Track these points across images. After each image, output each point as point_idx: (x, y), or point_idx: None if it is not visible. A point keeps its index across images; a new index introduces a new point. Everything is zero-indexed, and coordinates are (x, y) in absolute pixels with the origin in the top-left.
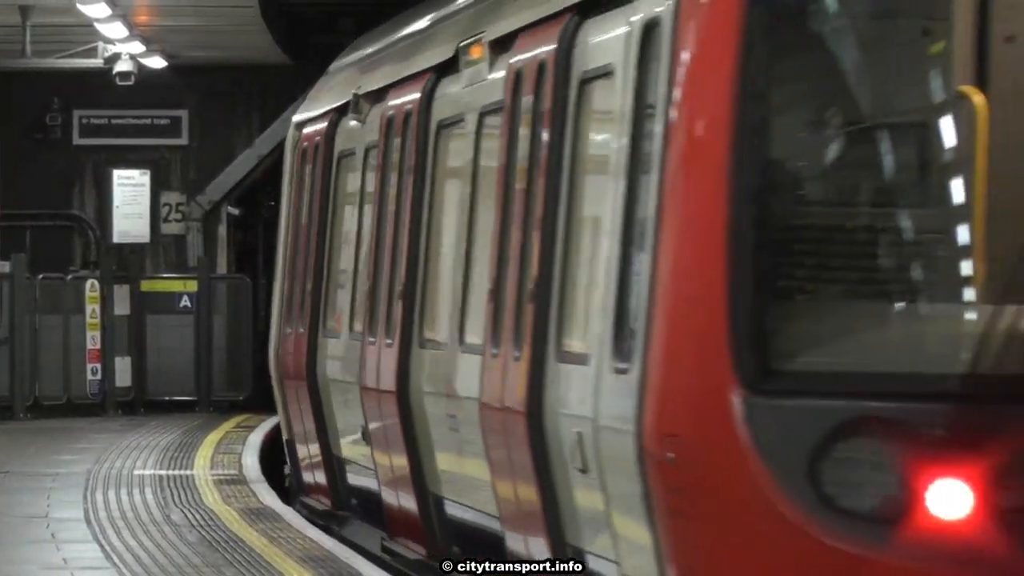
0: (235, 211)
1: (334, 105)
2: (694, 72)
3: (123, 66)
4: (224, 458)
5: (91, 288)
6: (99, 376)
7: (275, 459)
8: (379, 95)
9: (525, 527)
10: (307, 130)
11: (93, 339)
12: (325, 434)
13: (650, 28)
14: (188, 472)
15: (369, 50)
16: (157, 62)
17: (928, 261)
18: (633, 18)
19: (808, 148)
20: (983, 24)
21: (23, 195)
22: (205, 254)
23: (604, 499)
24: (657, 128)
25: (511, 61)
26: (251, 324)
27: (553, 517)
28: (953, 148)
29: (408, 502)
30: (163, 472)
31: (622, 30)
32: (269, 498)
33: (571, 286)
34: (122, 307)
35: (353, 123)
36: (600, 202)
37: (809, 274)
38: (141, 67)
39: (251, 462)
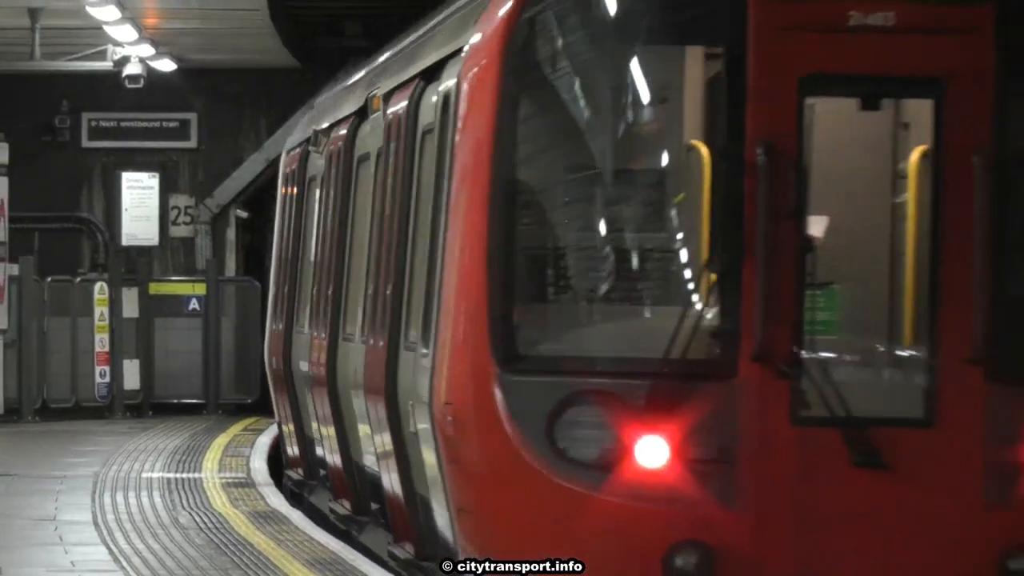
0: (243, 214)
1: (305, 137)
2: (465, 132)
3: (132, 69)
4: (232, 461)
5: (99, 291)
6: (107, 379)
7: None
8: (328, 132)
9: (389, 474)
10: (287, 156)
11: (101, 341)
12: (299, 417)
13: (447, 97)
14: (196, 475)
15: (331, 92)
16: (166, 65)
17: (633, 274)
18: (440, 88)
19: (543, 189)
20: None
21: (32, 197)
22: (213, 257)
23: (423, 452)
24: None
25: (387, 113)
26: (259, 327)
27: (404, 467)
28: (666, 187)
29: (339, 468)
30: (171, 475)
31: (436, 97)
32: (277, 501)
33: (412, 291)
34: (130, 310)
35: (314, 154)
36: (426, 228)
37: (545, 284)
38: (150, 70)
39: (259, 465)
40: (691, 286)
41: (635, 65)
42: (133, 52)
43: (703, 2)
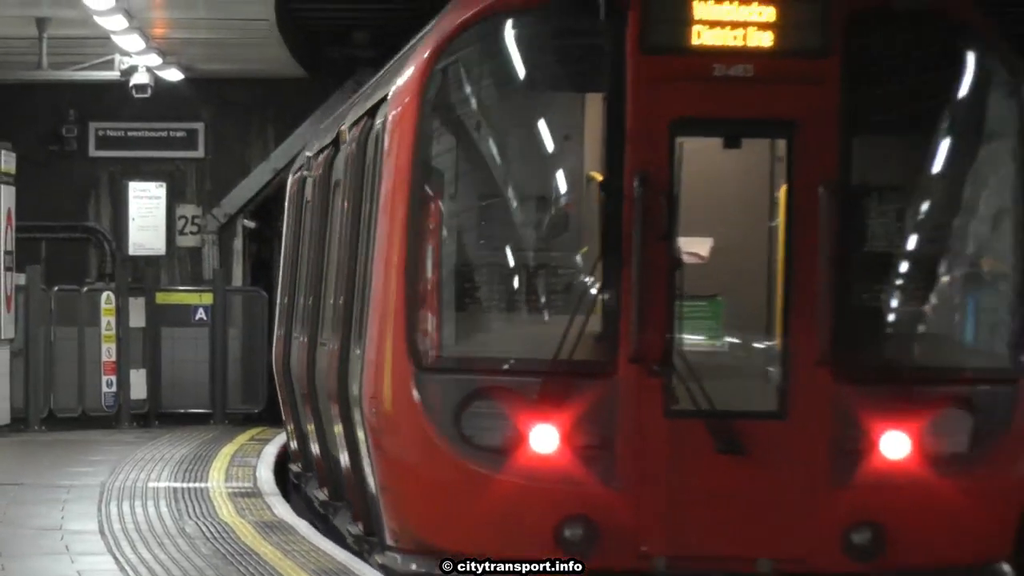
0: (250, 224)
1: (302, 163)
2: (388, 164)
3: (140, 78)
4: (239, 471)
5: (106, 300)
6: (114, 388)
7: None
8: (316, 159)
9: (345, 463)
10: (291, 179)
11: (108, 351)
12: (295, 415)
13: (379, 132)
14: (203, 485)
15: (325, 121)
16: (173, 74)
17: (530, 287)
18: (375, 123)
19: (454, 214)
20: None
21: (39, 207)
22: (220, 266)
23: (362, 438)
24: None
25: (348, 143)
26: (266, 336)
27: (354, 456)
28: (559, 212)
29: (320, 459)
30: (178, 484)
31: (375, 131)
32: (283, 511)
33: (359, 299)
34: (137, 319)
35: (308, 178)
36: (366, 247)
37: (454, 296)
38: (157, 79)
39: (265, 475)
40: (578, 298)
41: (529, 108)
42: (140, 62)
43: (587, 56)
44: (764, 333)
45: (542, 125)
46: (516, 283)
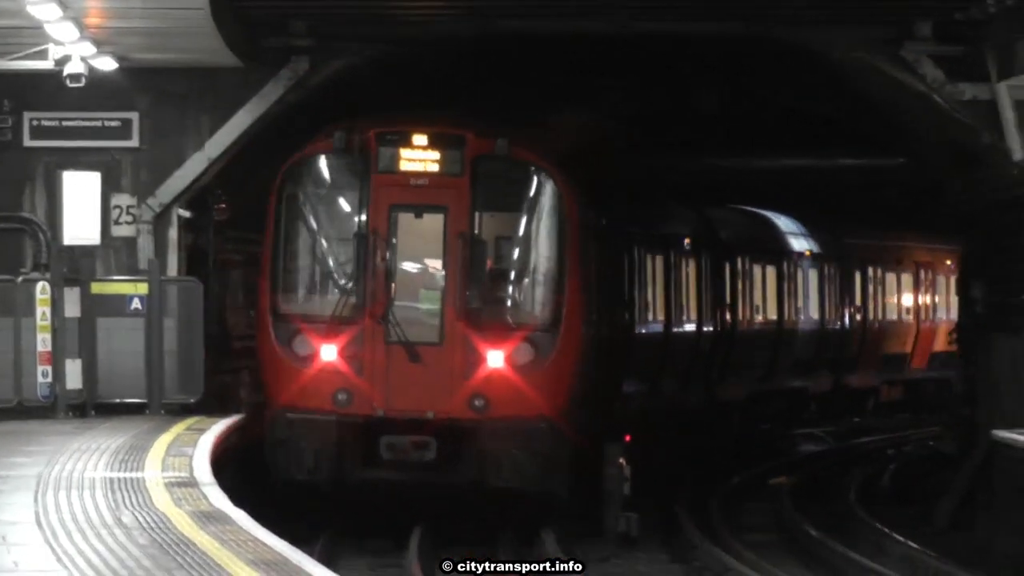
0: (186, 213)
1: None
2: (268, 212)
3: (73, 68)
4: (175, 461)
5: (42, 290)
6: (50, 378)
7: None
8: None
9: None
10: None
11: (44, 341)
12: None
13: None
14: (139, 475)
15: None
16: (108, 64)
17: (334, 286)
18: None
19: (295, 250)
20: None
21: None
22: (156, 256)
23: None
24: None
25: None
26: (202, 327)
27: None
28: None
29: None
30: (114, 475)
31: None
32: (220, 500)
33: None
34: (73, 309)
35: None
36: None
37: (293, 284)
38: (92, 69)
39: (202, 465)
40: (347, 286)
41: (329, 199)
42: (74, 51)
43: (352, 174)
44: (437, 305)
45: (338, 206)
46: (320, 279)
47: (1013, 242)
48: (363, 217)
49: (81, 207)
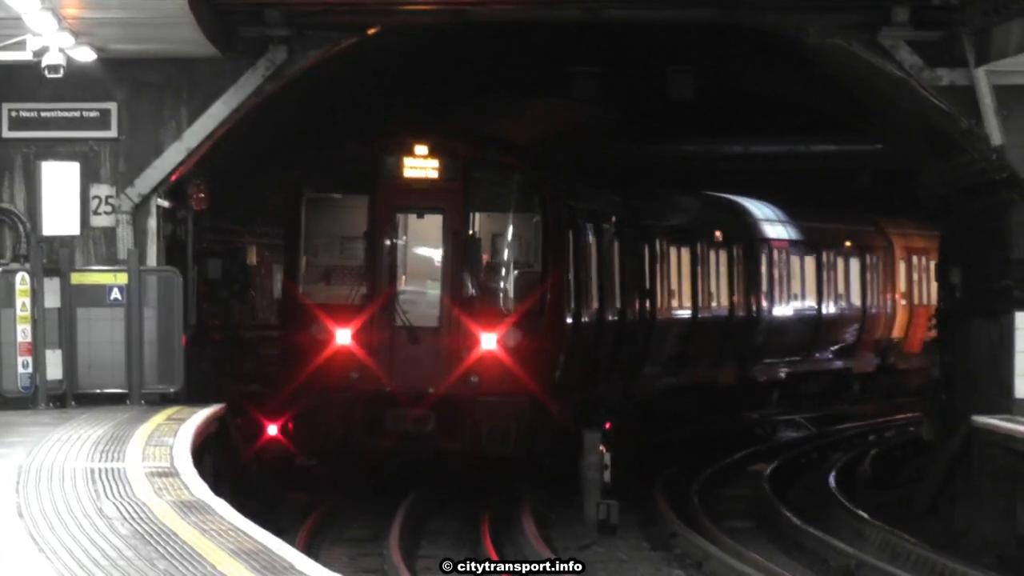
0: (164, 203)
1: None
2: (288, 213)
3: (52, 59)
4: (156, 451)
5: (21, 281)
6: (30, 369)
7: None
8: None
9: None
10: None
11: (24, 332)
12: None
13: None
14: (120, 465)
15: None
16: (86, 55)
17: (346, 275)
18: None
19: (312, 248)
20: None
21: None
22: (135, 247)
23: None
24: None
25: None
26: (181, 317)
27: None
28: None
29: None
30: (95, 465)
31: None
32: (201, 490)
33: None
34: (52, 300)
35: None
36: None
37: (318, 277)
38: (70, 60)
39: (183, 454)
40: (360, 279)
41: (350, 205)
42: (52, 42)
43: (364, 177)
44: (437, 292)
45: (350, 208)
46: (335, 272)
47: (991, 227)
48: (371, 217)
49: (60, 198)
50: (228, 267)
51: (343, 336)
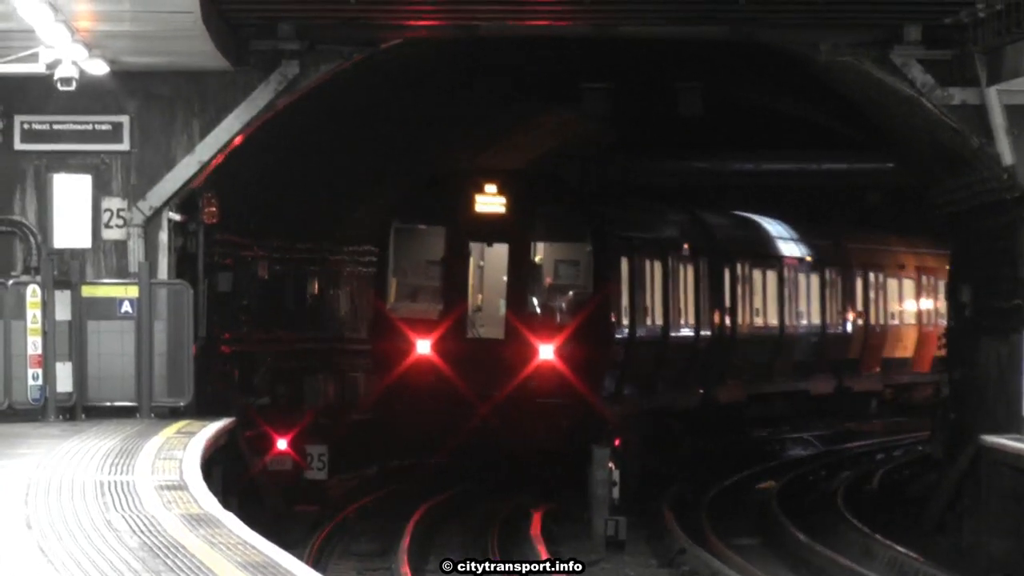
0: (176, 217)
1: None
2: (381, 240)
3: (64, 71)
4: (165, 464)
5: (32, 293)
6: (40, 381)
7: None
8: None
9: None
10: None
11: (34, 344)
12: None
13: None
14: (129, 478)
15: None
16: (99, 67)
17: (426, 294)
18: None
19: (400, 270)
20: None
21: None
22: (146, 260)
23: None
24: None
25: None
26: (192, 330)
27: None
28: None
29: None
30: (105, 478)
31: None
32: (210, 504)
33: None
34: (63, 312)
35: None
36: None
37: (402, 294)
38: (82, 72)
39: (192, 468)
40: (439, 300)
41: (431, 237)
42: (65, 55)
43: (446, 212)
44: (503, 311)
45: (432, 237)
46: (418, 292)
47: (1001, 246)
48: (448, 245)
49: (71, 210)
50: (240, 279)
51: (423, 346)
